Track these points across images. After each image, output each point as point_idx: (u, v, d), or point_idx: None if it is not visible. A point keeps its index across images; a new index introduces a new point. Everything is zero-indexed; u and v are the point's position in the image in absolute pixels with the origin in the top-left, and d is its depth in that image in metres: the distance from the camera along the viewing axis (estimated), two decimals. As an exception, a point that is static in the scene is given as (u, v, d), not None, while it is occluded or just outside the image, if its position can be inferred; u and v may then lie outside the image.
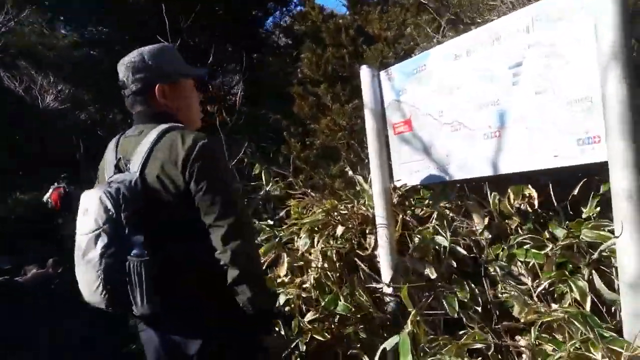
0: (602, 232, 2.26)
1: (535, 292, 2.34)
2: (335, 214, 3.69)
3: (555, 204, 2.47)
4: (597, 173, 2.23)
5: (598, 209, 2.35)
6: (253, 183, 5.05)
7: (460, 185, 3.01)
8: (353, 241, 3.69)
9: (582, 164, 2.24)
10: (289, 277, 3.60)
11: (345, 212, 3.58)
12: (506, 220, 2.67)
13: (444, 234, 2.87)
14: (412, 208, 3.47)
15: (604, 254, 2.17)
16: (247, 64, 5.77)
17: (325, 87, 4.20)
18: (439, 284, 2.64)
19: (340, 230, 3.65)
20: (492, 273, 2.57)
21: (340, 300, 3.23)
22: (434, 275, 2.74)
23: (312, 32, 4.58)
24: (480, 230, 2.77)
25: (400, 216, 3.31)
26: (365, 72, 3.34)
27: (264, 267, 3.65)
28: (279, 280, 3.59)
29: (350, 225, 3.61)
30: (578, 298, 2.17)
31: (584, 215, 2.39)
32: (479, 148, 2.71)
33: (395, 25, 4.65)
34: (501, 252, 2.65)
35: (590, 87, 2.15)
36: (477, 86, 2.69)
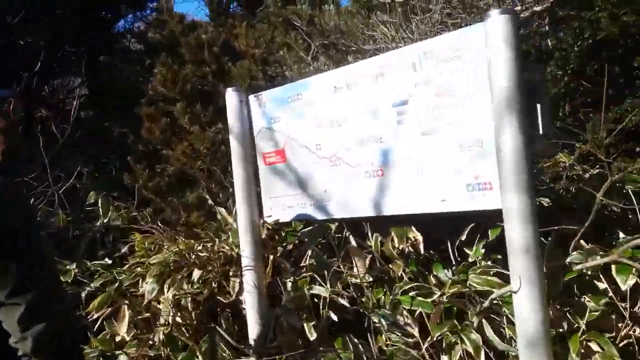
0: (490, 278, 2.21)
1: (423, 345, 2.20)
2: (192, 254, 3.22)
3: (449, 247, 2.39)
4: (487, 216, 2.17)
5: (483, 250, 2.31)
6: (89, 208, 4.30)
7: (339, 223, 2.80)
8: (213, 284, 3.25)
9: (471, 210, 2.16)
10: (132, 333, 3.01)
11: (204, 253, 3.13)
12: (389, 265, 2.52)
13: (321, 282, 2.62)
14: (285, 245, 3.17)
15: (494, 301, 2.11)
16: (90, 66, 4.97)
17: (183, 107, 3.72)
18: (321, 348, 2.37)
19: (197, 273, 3.19)
20: (377, 324, 2.38)
21: (198, 359, 2.78)
22: (313, 336, 2.46)
23: (170, 43, 4.08)
24: (362, 274, 2.57)
25: (271, 257, 2.98)
26: (231, 96, 2.98)
27: (97, 323, 3.03)
28: (118, 339, 2.98)
29: (209, 268, 3.17)
30: (470, 350, 2.08)
31: (469, 259, 2.33)
32: (361, 186, 2.54)
33: (263, 42, 4.37)
34: (383, 297, 2.49)
35: (482, 131, 2.10)
36: (359, 121, 2.52)
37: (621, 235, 2.18)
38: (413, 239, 2.44)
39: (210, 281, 3.19)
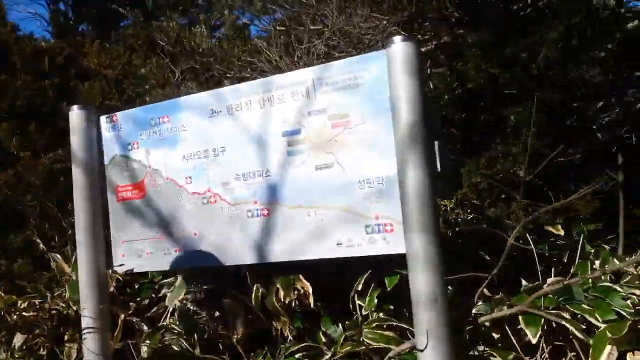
0: (386, 333, 1.96)
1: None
2: (13, 314, 2.51)
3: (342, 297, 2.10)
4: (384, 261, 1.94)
5: (377, 301, 2.06)
6: None
7: (212, 273, 2.37)
8: (42, 351, 2.57)
9: (371, 255, 1.92)
10: None
11: (31, 312, 2.45)
12: (272, 321, 2.15)
13: (187, 345, 2.15)
14: (139, 300, 2.62)
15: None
16: None
17: (10, 127, 2.99)
18: None
19: (19, 338, 2.49)
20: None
21: None
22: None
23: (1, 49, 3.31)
24: (239, 334, 2.16)
25: (122, 316, 2.41)
26: (77, 115, 2.44)
27: None
28: None
29: (37, 331, 2.49)
30: None
31: (363, 312, 2.07)
32: (241, 228, 2.16)
33: (118, 64, 3.81)
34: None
35: (383, 166, 1.89)
36: (241, 152, 2.18)
37: (523, 282, 2.10)
38: (301, 290, 2.11)
39: (38, 348, 2.50)
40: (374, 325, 2.00)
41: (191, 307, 2.50)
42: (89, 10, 7.35)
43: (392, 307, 2.15)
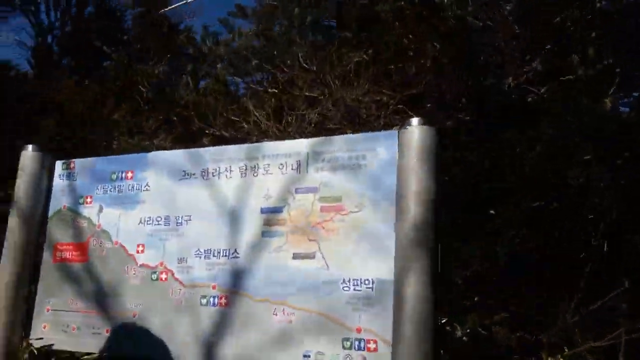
0: None
1: None
2: None
3: None
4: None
5: None
6: None
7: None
8: None
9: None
10: None
11: None
12: None
13: None
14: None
15: None
16: None
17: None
18: None
19: None
20: None
21: None
22: None
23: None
24: None
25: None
26: (30, 157, 2.14)
27: None
28: None
29: None
30: None
31: None
32: (191, 317, 1.82)
33: (93, 104, 3.53)
34: None
35: (375, 267, 1.62)
36: (208, 224, 1.89)
37: None
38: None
39: None
40: None
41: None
42: (75, 45, 7.17)
43: None
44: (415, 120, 1.59)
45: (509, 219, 2.82)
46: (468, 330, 2.64)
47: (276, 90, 2.88)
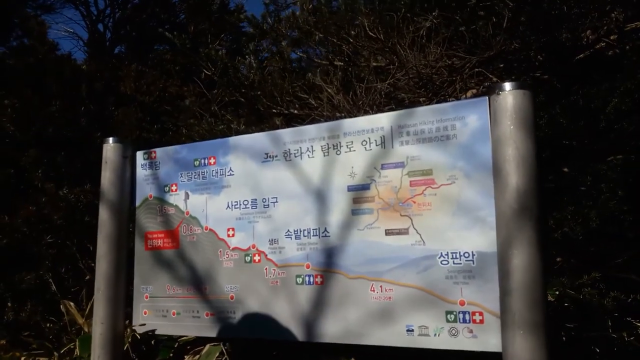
0: None
1: None
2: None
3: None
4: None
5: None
6: None
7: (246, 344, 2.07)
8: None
9: (450, 349, 1.59)
10: None
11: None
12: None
13: None
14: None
15: None
16: None
17: (37, 156, 2.79)
18: None
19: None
20: None
21: None
22: None
23: (32, 71, 3.15)
24: None
25: (136, 386, 2.12)
26: (112, 149, 2.23)
27: None
28: None
29: (39, 394, 2.21)
30: None
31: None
32: (288, 296, 1.87)
33: (155, 90, 3.65)
34: None
35: (474, 240, 1.61)
36: (296, 205, 1.91)
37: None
38: (356, 380, 1.79)
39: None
40: None
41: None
42: (127, 32, 7.35)
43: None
44: (507, 85, 1.53)
45: (599, 179, 2.70)
46: (557, 293, 2.59)
47: (342, 64, 2.84)
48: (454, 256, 1.62)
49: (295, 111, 2.90)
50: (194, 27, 5.40)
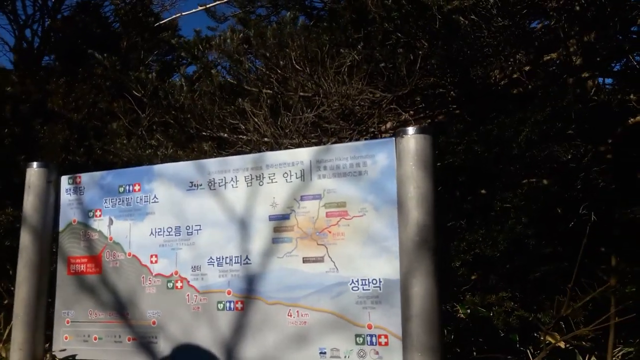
0: None
1: None
2: None
3: None
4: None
5: None
6: None
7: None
8: None
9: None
10: None
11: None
12: None
13: None
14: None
15: None
16: None
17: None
18: None
19: None
20: None
21: None
22: None
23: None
24: None
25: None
26: (35, 173, 2.22)
27: None
28: None
29: None
30: None
31: None
32: (209, 322, 1.94)
33: (84, 106, 3.59)
34: None
35: (381, 267, 1.75)
36: (219, 233, 2.00)
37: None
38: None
39: None
40: None
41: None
42: (57, 40, 7.14)
43: None
44: (410, 129, 1.69)
45: (507, 204, 2.95)
46: (469, 311, 2.80)
47: (270, 91, 2.96)
48: (364, 283, 1.76)
49: (225, 135, 2.98)
50: (127, 41, 5.35)
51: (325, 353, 1.77)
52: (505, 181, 3.38)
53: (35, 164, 2.24)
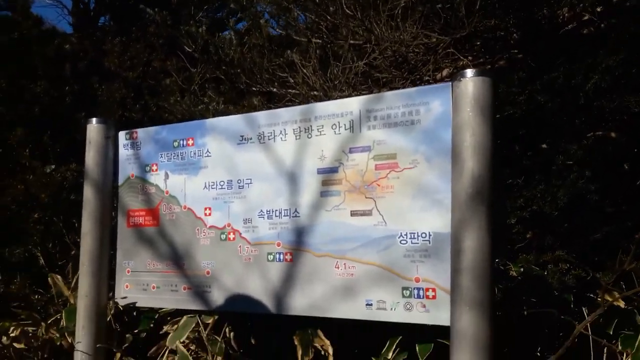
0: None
1: None
2: (4, 339, 2.38)
3: None
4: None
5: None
6: None
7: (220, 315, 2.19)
8: (28, 382, 2.42)
9: (404, 322, 1.73)
10: None
11: (22, 343, 2.30)
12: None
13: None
14: (136, 332, 2.45)
15: None
16: None
17: (23, 135, 2.86)
18: None
19: (7, 368, 2.35)
20: None
21: None
22: None
23: (18, 49, 3.18)
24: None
25: (118, 355, 2.25)
26: (95, 130, 2.31)
27: None
28: None
29: (27, 362, 2.35)
30: None
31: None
32: (260, 272, 1.99)
33: (138, 65, 3.69)
34: None
35: (431, 221, 1.71)
36: (269, 186, 2.01)
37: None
38: (321, 349, 1.93)
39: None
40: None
41: (193, 349, 2.32)
42: (111, 1, 7.28)
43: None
44: (469, 72, 1.60)
45: (570, 157, 2.80)
46: (522, 269, 2.73)
47: (320, 41, 2.90)
48: (412, 236, 1.73)
49: (274, 89, 2.97)
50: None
51: (371, 305, 1.78)
52: (569, 134, 3.20)
53: (94, 120, 2.32)
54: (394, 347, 1.88)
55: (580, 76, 3.07)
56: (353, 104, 1.88)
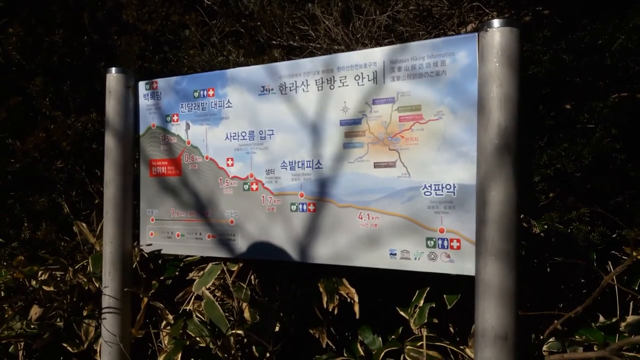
0: (432, 353, 1.80)
1: None
2: (32, 284, 2.45)
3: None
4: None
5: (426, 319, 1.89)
6: None
7: (245, 264, 2.23)
8: (58, 324, 2.50)
9: (428, 272, 1.74)
10: None
11: (51, 286, 2.37)
12: (308, 328, 2.01)
13: (209, 341, 2.03)
14: (162, 279, 2.51)
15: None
16: None
17: (44, 84, 2.86)
18: None
19: (36, 311, 2.42)
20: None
21: None
22: None
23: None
24: (269, 340, 2.03)
25: (145, 300, 2.31)
26: (115, 79, 2.29)
27: None
28: None
29: (55, 304, 2.42)
30: None
31: (412, 326, 1.91)
32: (283, 222, 2.01)
33: (158, 18, 3.64)
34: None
35: (456, 172, 1.70)
36: (291, 137, 2.00)
37: (601, 318, 1.90)
38: (346, 296, 1.96)
39: (54, 322, 2.44)
40: (418, 344, 1.84)
41: (219, 295, 2.38)
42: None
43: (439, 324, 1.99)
44: (496, 22, 1.56)
45: (595, 117, 2.75)
46: (545, 227, 2.72)
47: (342, -6, 2.83)
48: (437, 188, 1.73)
49: (295, 43, 2.92)
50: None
51: (395, 254, 1.80)
52: (594, 94, 3.12)
53: (114, 69, 2.31)
54: (424, 296, 1.91)
55: (607, 36, 2.97)
56: (377, 55, 1.85)
